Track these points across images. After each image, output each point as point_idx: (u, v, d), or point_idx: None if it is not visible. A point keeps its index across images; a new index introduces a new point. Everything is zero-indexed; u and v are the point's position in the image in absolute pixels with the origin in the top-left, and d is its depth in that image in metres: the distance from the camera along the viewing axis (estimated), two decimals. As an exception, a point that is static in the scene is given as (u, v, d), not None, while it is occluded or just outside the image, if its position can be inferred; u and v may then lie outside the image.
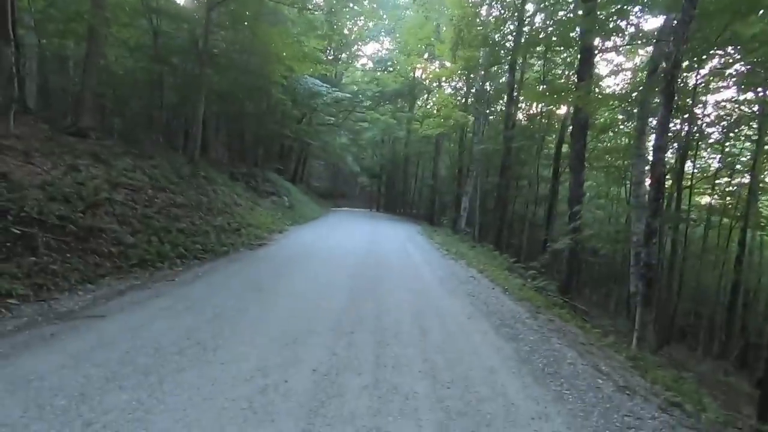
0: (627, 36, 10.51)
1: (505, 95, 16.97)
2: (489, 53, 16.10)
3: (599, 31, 9.81)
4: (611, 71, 14.60)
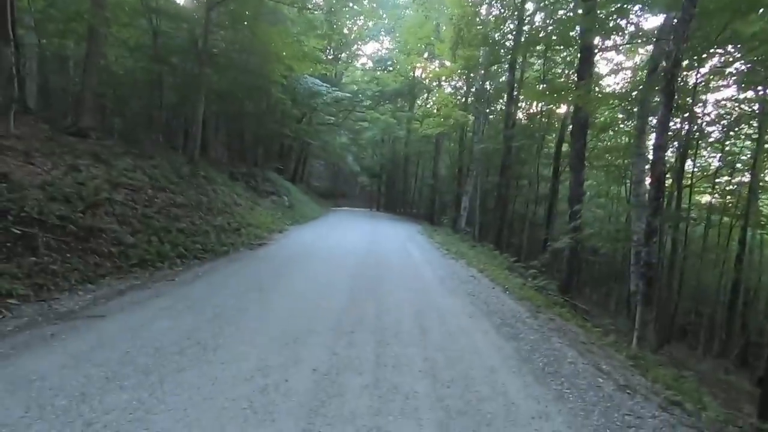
0: (627, 35, 10.52)
1: (505, 94, 16.97)
2: (489, 52, 16.09)
3: (599, 30, 9.81)
4: (611, 70, 14.56)
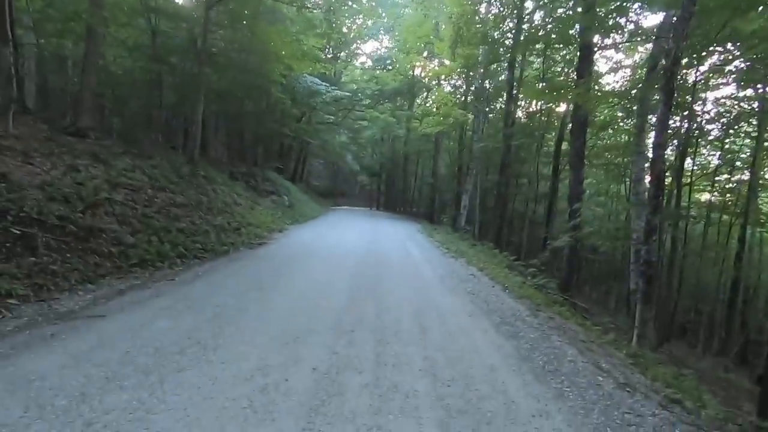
0: (626, 33, 10.49)
1: (505, 93, 16.97)
2: (488, 51, 16.08)
3: (598, 28, 9.80)
4: (611, 68, 14.60)
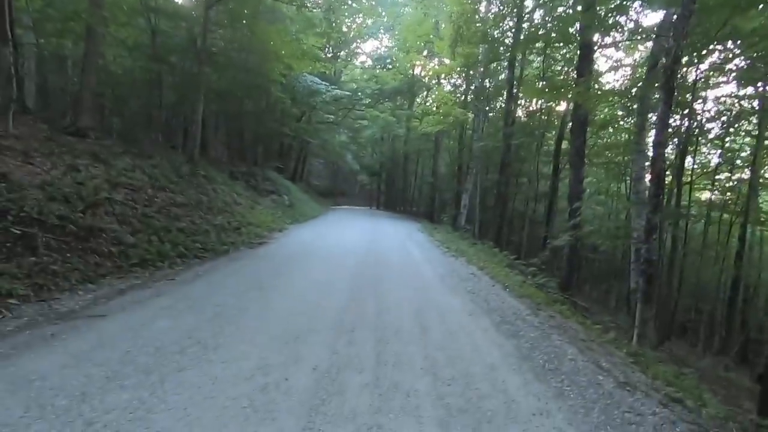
0: (626, 31, 10.48)
1: (505, 92, 16.95)
2: (488, 50, 16.06)
3: (599, 27, 9.78)
4: (611, 67, 14.70)
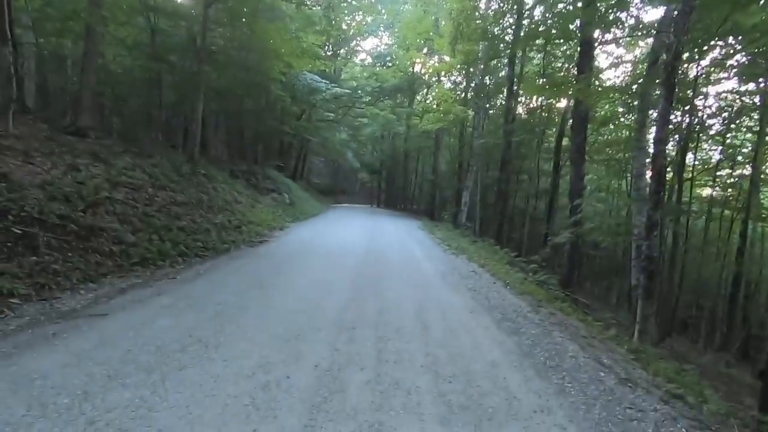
0: (627, 28, 10.44)
1: (505, 89, 16.89)
2: (488, 47, 16.00)
3: (599, 23, 9.75)
4: (611, 63, 14.57)
